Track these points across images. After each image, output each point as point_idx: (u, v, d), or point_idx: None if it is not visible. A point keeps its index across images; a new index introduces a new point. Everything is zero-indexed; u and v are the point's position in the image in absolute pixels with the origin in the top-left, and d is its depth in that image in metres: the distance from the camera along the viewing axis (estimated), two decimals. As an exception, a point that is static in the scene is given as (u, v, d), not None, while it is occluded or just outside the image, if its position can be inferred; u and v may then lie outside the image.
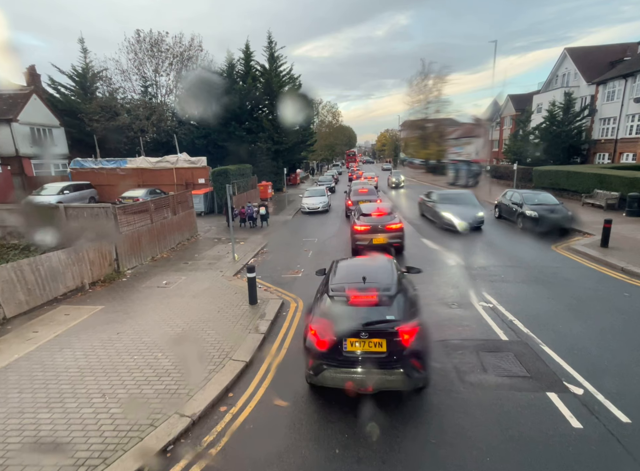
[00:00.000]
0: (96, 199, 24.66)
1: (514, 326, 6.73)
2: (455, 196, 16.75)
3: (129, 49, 30.47)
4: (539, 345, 6.01)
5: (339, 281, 5.46)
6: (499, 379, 5.16)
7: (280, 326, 7.34)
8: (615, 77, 27.11)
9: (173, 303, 8.37)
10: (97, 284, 9.53)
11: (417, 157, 41.90)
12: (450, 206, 15.22)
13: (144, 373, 5.51)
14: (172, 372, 5.54)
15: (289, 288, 9.49)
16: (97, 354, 6.08)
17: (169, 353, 6.09)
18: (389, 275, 5.49)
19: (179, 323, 7.26)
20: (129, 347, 6.33)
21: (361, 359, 4.49)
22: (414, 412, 4.65)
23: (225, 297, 8.70)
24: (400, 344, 4.44)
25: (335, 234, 15.54)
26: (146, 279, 10.05)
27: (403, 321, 4.53)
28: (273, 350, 6.33)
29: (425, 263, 10.66)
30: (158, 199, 12.92)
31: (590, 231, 13.69)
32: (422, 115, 38.23)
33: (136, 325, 7.20)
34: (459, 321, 7.08)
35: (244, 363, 5.80)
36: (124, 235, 10.57)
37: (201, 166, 24.25)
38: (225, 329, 6.95)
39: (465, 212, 14.62)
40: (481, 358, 5.69)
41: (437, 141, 37.17)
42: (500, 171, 33.31)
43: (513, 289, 8.54)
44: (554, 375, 5.19)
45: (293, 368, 5.62)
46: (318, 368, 4.64)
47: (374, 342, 4.48)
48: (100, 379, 5.37)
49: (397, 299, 4.88)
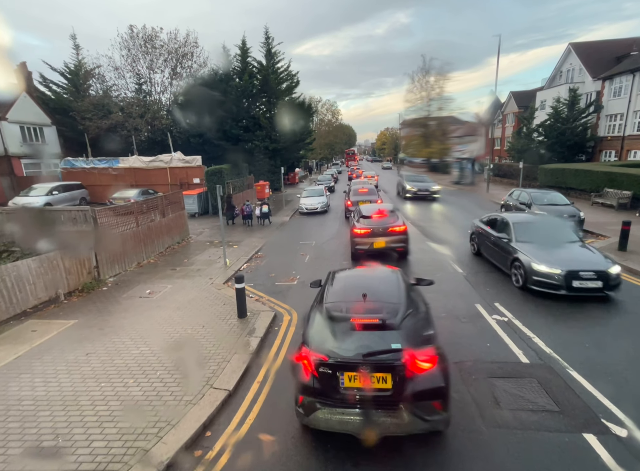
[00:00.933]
0: (87, 200, 23.90)
1: (533, 344, 5.96)
2: (544, 226, 9.47)
3: (122, 45, 29.73)
4: (566, 369, 5.24)
5: (335, 297, 4.68)
6: (524, 414, 4.38)
7: (271, 344, 6.57)
8: (622, 72, 26.31)
9: (154, 316, 7.59)
10: (73, 294, 8.75)
11: (419, 156, 41.07)
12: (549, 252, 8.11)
13: (109, 406, 4.74)
14: (143, 404, 4.77)
15: (283, 298, 8.71)
16: (59, 381, 5.31)
17: (142, 379, 5.32)
18: (396, 290, 4.70)
19: (158, 341, 6.48)
20: (97, 371, 5.56)
21: (361, 398, 3.72)
22: (429, 461, 3.88)
23: (213, 309, 7.93)
24: (411, 379, 3.67)
25: (334, 236, 14.76)
26: (128, 289, 9.28)
27: (414, 350, 3.75)
28: (261, 375, 5.56)
29: (431, 269, 9.90)
30: (144, 201, 12.15)
31: (603, 232, 12.92)
32: (424, 113, 37.35)
33: (109, 343, 6.43)
34: (471, 338, 6.30)
35: (226, 392, 5.03)
36: (106, 240, 9.79)
37: (196, 166, 23.48)
38: (208, 349, 6.18)
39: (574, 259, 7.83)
40: (502, 386, 4.91)
41: (441, 139, 36.34)
42: (503, 169, 32.52)
43: (528, 300, 7.75)
44: (588, 410, 4.41)
45: (285, 397, 4.83)
46: (310, 407, 3.86)
47: (377, 377, 3.71)
48: (57, 415, 4.59)
49: (407, 321, 4.09)
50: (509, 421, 4.30)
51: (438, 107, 35.91)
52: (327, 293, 4.83)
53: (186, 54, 31.16)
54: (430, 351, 3.78)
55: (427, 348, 3.81)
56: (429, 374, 3.70)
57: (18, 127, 25.92)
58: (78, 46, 30.36)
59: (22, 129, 26.22)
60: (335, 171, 47.80)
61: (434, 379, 3.72)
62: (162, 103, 31.93)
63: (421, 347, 3.79)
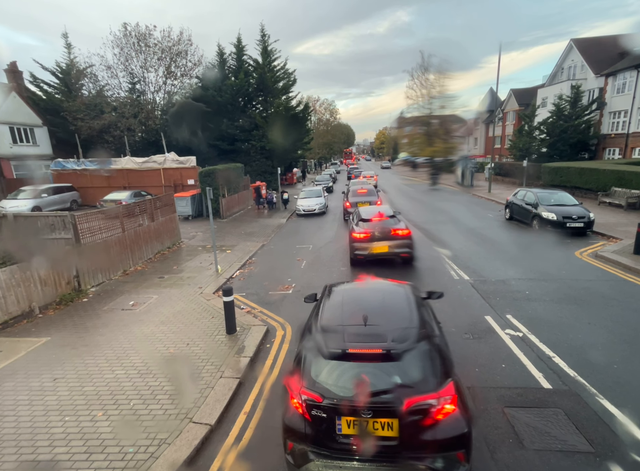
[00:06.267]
0: (79, 202, 23.22)
1: (555, 366, 5.32)
2: None
3: (115, 43, 29.02)
4: (595, 397, 4.60)
5: (331, 318, 3.96)
6: (553, 457, 3.74)
7: (262, 363, 5.94)
8: (626, 68, 25.69)
9: (135, 332, 6.94)
10: (50, 307, 8.09)
11: (422, 155, 40.40)
12: None
13: (70, 447, 4.09)
14: (110, 445, 4.12)
15: (277, 309, 8.07)
16: (16, 415, 4.65)
17: (112, 412, 4.67)
18: (404, 311, 3.95)
19: (136, 363, 5.83)
20: (63, 402, 4.90)
21: (364, 449, 3.07)
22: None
23: (200, 323, 7.28)
24: (423, 426, 3.03)
25: (332, 240, 14.11)
26: (111, 300, 8.62)
27: (428, 388, 3.08)
28: (248, 405, 4.90)
29: (433, 275, 9.28)
30: (130, 205, 11.47)
31: (614, 234, 12.29)
32: (426, 111, 36.67)
33: (81, 366, 5.78)
34: (483, 357, 5.66)
35: (207, 427, 4.38)
36: (86, 247, 9.13)
37: (190, 166, 22.79)
38: (191, 372, 5.54)
39: None
40: (524, 419, 4.27)
41: (444, 138, 35.68)
42: (505, 168, 31.91)
43: (543, 311, 7.12)
44: (628, 449, 3.78)
45: (275, 434, 4.16)
46: (301, 457, 3.23)
47: (381, 422, 3.06)
48: (7, 461, 3.94)
49: (418, 351, 3.31)
50: (534, 466, 3.66)
51: (440, 106, 35.16)
52: (322, 313, 4.14)
53: (180, 52, 30.47)
54: (449, 389, 3.12)
55: (446, 385, 3.15)
56: (450, 417, 3.05)
57: (7, 128, 25.24)
58: (70, 45, 29.61)
59: (11, 129, 25.53)
60: (333, 171, 47.07)
61: (456, 423, 3.06)
62: (156, 103, 31.23)
63: (436, 384, 3.12)
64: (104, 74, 30.19)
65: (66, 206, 21.71)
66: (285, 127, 28.32)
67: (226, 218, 19.57)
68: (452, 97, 34.82)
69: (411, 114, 41.71)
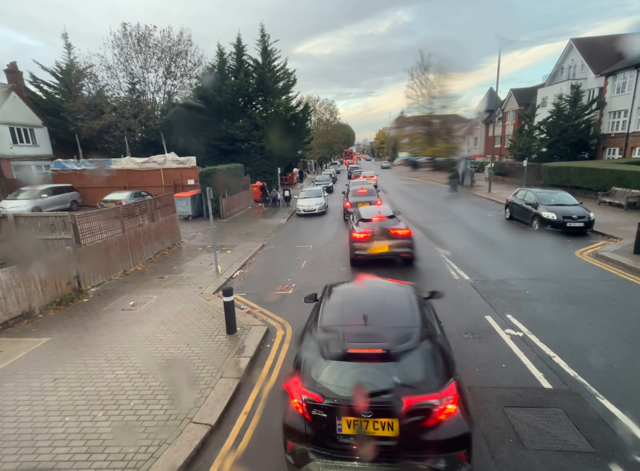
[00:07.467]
0: (79, 203, 23.22)
1: (555, 365, 5.32)
2: None
3: (115, 43, 29.05)
4: (596, 397, 4.60)
5: (332, 319, 3.97)
6: (554, 457, 3.74)
7: (262, 364, 5.94)
8: (626, 68, 25.69)
9: (135, 332, 6.94)
10: (50, 307, 8.09)
11: (423, 155, 40.42)
12: None
13: (71, 447, 4.09)
14: (110, 445, 4.12)
15: (277, 309, 8.07)
16: (17, 416, 4.66)
17: (113, 412, 4.67)
18: (405, 310, 3.96)
19: (136, 363, 5.83)
20: (63, 402, 4.91)
21: (362, 448, 3.08)
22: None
23: (200, 323, 7.28)
24: (425, 426, 3.03)
25: (332, 240, 14.11)
26: (111, 300, 8.62)
27: (430, 388, 3.08)
28: (249, 404, 4.90)
29: (433, 275, 9.28)
30: (130, 205, 11.47)
31: (615, 234, 12.29)
32: (427, 110, 36.74)
33: (82, 366, 5.78)
34: (483, 357, 5.66)
35: (208, 427, 4.38)
36: (86, 248, 9.13)
37: (190, 166, 22.80)
38: (192, 372, 5.53)
39: None
40: (524, 419, 4.27)
41: (445, 137, 35.73)
42: (505, 168, 31.89)
43: (543, 311, 7.12)
44: (629, 450, 3.78)
45: (276, 434, 4.17)
46: (302, 457, 3.23)
47: (381, 422, 3.07)
48: (7, 461, 3.94)
49: (420, 350, 3.30)
50: (535, 466, 3.66)
51: (441, 105, 35.21)
52: (322, 313, 4.14)
53: (180, 52, 30.51)
54: (451, 389, 3.12)
55: (448, 385, 3.15)
56: (452, 417, 3.05)
57: (7, 129, 25.24)
58: (70, 45, 29.64)
59: (11, 130, 25.53)
60: (333, 171, 46.97)
61: (458, 423, 3.06)
62: (156, 103, 31.25)
63: (438, 385, 3.12)
64: (104, 74, 30.27)
65: (66, 206, 21.70)
66: (285, 127, 28.37)
67: (226, 218, 19.57)
68: (453, 97, 34.85)
69: (412, 113, 41.84)
